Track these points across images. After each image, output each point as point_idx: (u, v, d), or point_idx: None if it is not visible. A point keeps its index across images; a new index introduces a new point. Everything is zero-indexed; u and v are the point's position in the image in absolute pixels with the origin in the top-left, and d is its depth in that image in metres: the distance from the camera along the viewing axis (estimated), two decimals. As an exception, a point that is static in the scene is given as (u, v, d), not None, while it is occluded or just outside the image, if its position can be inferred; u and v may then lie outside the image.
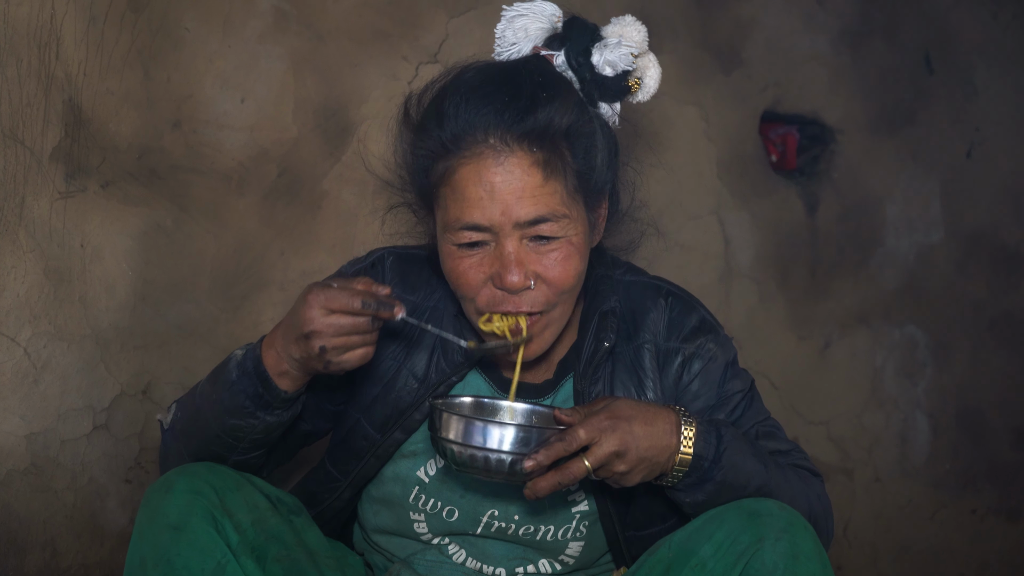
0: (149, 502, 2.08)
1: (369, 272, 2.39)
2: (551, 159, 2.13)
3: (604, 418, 2.08)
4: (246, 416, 2.17)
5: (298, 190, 2.83)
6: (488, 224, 2.13)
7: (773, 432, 2.37)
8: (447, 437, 2.10)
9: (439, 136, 2.15)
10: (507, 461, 2.06)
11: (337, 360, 2.08)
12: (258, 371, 2.14)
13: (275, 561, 2.10)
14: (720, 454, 2.13)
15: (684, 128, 3.37)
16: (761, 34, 3.53)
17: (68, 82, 2.50)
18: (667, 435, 2.11)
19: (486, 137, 2.12)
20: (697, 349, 2.34)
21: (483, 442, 2.07)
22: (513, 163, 2.12)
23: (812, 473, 2.34)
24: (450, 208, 2.16)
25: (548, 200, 2.13)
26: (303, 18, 2.82)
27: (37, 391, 2.47)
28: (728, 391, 2.34)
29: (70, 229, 2.51)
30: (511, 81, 2.17)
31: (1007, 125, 3.99)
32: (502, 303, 2.18)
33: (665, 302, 2.38)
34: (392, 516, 2.38)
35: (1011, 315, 4.01)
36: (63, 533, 2.53)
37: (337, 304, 2.04)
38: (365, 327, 2.06)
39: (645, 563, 2.18)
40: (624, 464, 2.08)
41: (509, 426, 2.08)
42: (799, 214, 3.61)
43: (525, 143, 2.12)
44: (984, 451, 3.98)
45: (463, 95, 2.16)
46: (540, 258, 2.16)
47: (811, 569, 2.02)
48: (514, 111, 2.12)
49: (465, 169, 2.13)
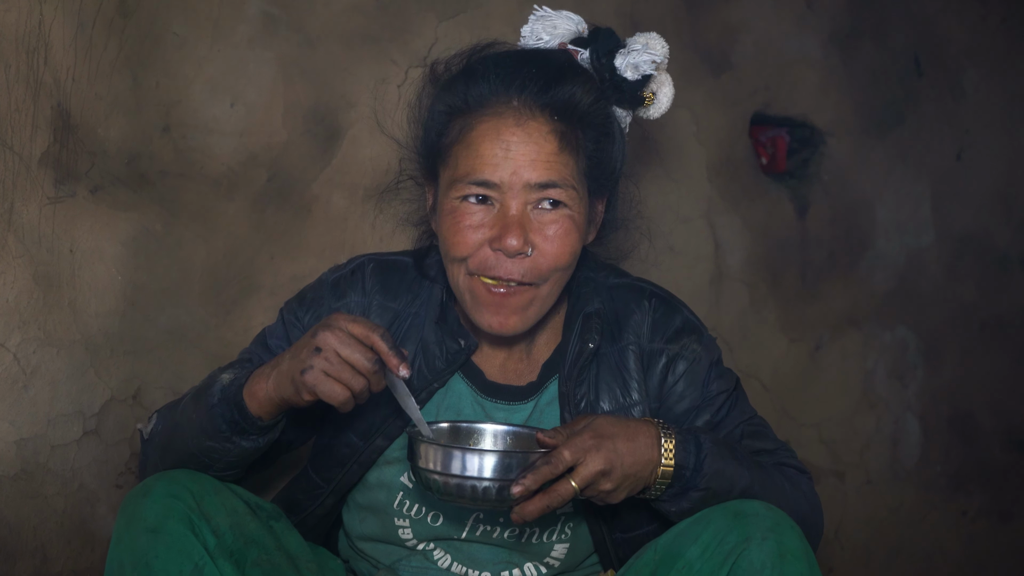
0: (127, 507, 2.08)
1: (349, 279, 2.39)
2: (568, 133, 2.19)
3: (588, 437, 2.07)
4: (222, 440, 2.17)
5: (288, 194, 2.83)
6: (498, 182, 2.16)
7: (759, 431, 2.37)
8: (427, 468, 2.08)
9: (464, 93, 2.22)
10: (492, 488, 2.05)
11: (318, 381, 2.03)
12: (236, 399, 2.13)
13: (254, 565, 2.10)
14: (701, 462, 2.14)
15: (674, 131, 3.37)
16: (750, 37, 3.53)
17: (57, 87, 2.49)
18: (649, 449, 2.12)
19: (510, 99, 2.19)
20: (681, 350, 2.35)
21: (465, 471, 2.05)
22: (533, 127, 2.17)
23: (799, 471, 2.35)
24: (461, 164, 2.19)
25: (560, 168, 2.18)
26: (292, 23, 2.82)
27: (27, 397, 2.46)
28: (713, 391, 2.35)
29: (59, 234, 2.51)
30: (540, 56, 2.27)
31: (996, 127, 4.00)
32: (495, 267, 2.19)
33: (649, 304, 2.39)
34: (377, 522, 2.38)
35: (1001, 317, 4.02)
36: (53, 539, 2.52)
37: (358, 328, 2.04)
38: (364, 367, 2.03)
39: (632, 566, 2.19)
40: (610, 483, 2.09)
41: (489, 453, 2.07)
42: (789, 217, 3.62)
43: (547, 111, 2.18)
44: (975, 453, 3.99)
45: (494, 60, 2.26)
46: (541, 227, 2.19)
47: (798, 568, 2.02)
48: (542, 80, 2.20)
49: (484, 126, 2.19)
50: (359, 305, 2.36)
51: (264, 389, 2.12)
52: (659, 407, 2.35)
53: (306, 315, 2.38)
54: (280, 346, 2.36)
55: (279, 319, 2.41)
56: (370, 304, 2.37)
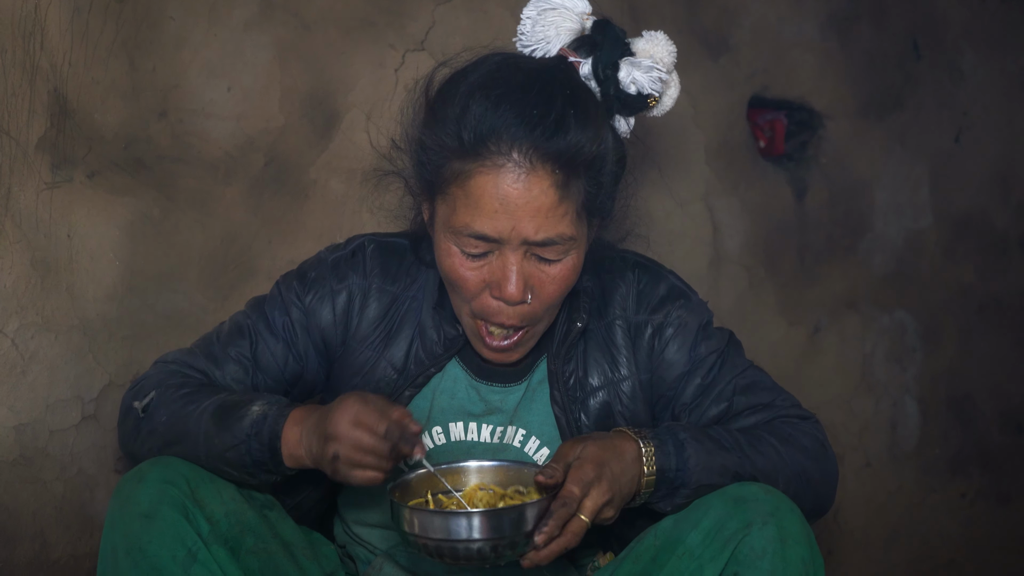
0: (121, 492, 2.08)
1: (350, 260, 2.37)
2: (569, 181, 2.11)
3: (590, 470, 2.06)
4: (242, 472, 2.17)
5: (285, 179, 2.83)
6: (497, 236, 2.11)
7: (752, 384, 2.36)
8: (412, 532, 2.03)
9: (459, 134, 2.11)
10: (486, 547, 1.99)
11: (345, 472, 2.06)
12: (272, 446, 2.13)
13: (250, 553, 2.10)
14: (684, 460, 2.14)
15: (672, 115, 3.33)
16: (748, 20, 3.52)
17: (53, 72, 2.49)
18: (635, 463, 2.12)
19: (510, 150, 2.08)
20: (666, 318, 2.35)
21: (453, 535, 1.99)
22: (533, 181, 2.08)
23: (800, 418, 2.33)
24: (459, 211, 2.12)
25: (559, 223, 2.11)
26: (289, 6, 2.81)
27: (25, 382, 2.46)
28: (702, 353, 2.35)
29: (56, 220, 2.50)
30: (542, 92, 2.11)
31: (995, 110, 4.00)
32: (497, 315, 2.17)
33: (633, 275, 2.39)
34: (374, 508, 2.38)
35: (1000, 299, 4.02)
36: (52, 524, 2.52)
37: (365, 421, 2.03)
38: (382, 452, 2.03)
39: (633, 551, 2.19)
40: (612, 509, 2.09)
41: (478, 514, 2.00)
42: (788, 200, 3.61)
43: (549, 163, 2.09)
44: (974, 435, 4.00)
45: (492, 97, 2.11)
46: (540, 275, 2.16)
47: (799, 552, 2.03)
48: (544, 129, 2.08)
49: (483, 178, 2.09)
50: (359, 287, 2.36)
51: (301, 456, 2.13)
52: (651, 377, 2.34)
53: (307, 295, 2.37)
54: (284, 322, 2.36)
55: (276, 293, 2.40)
56: (369, 287, 2.36)
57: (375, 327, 2.35)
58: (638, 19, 3.25)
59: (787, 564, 2.01)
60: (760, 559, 2.01)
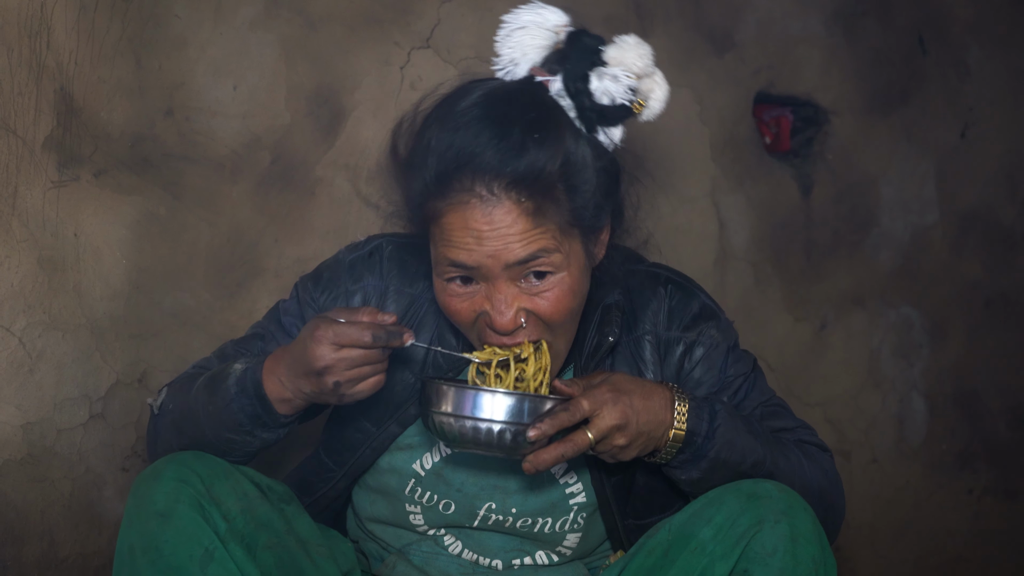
0: (137, 490, 2.08)
1: (367, 261, 2.36)
2: (541, 205, 2.06)
3: (605, 391, 2.07)
4: (243, 433, 2.17)
5: (291, 177, 2.83)
6: (476, 266, 2.08)
7: (778, 411, 2.35)
8: (439, 410, 2.06)
9: (424, 176, 2.09)
10: (507, 432, 2.03)
11: (351, 392, 2.06)
12: (258, 394, 2.12)
13: (266, 549, 2.09)
14: (713, 430, 2.13)
15: (678, 111, 3.36)
16: (754, 16, 3.52)
17: (59, 71, 2.49)
18: (663, 410, 2.11)
19: (472, 184, 2.05)
20: (698, 336, 2.32)
21: (477, 412, 2.04)
22: (501, 213, 2.05)
23: (820, 448, 2.33)
24: (439, 247, 2.12)
25: (538, 240, 2.07)
26: (294, 4, 2.81)
27: (32, 381, 2.47)
28: (730, 375, 2.33)
29: (63, 218, 2.50)
30: (501, 119, 2.07)
31: (1000, 105, 3.99)
32: (497, 341, 2.15)
33: (664, 290, 2.35)
34: (388, 506, 2.37)
35: (1006, 295, 4.02)
36: (60, 523, 2.53)
37: (347, 339, 2.02)
38: (376, 357, 2.04)
39: (644, 546, 2.18)
40: (624, 437, 2.08)
41: (502, 394, 2.04)
42: (794, 196, 3.61)
43: (513, 192, 2.04)
44: (981, 431, 3.99)
45: (448, 130, 2.08)
46: (532, 297, 2.12)
47: (810, 551, 2.02)
48: (501, 156, 2.04)
49: (453, 215, 2.07)
50: (376, 288, 2.34)
51: (280, 392, 2.12)
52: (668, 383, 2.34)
53: (321, 295, 2.35)
54: (294, 324, 2.34)
55: (293, 295, 2.38)
56: (387, 288, 2.34)
57: None
58: (643, 17, 3.25)
59: (798, 563, 2.00)
60: (771, 557, 2.00)
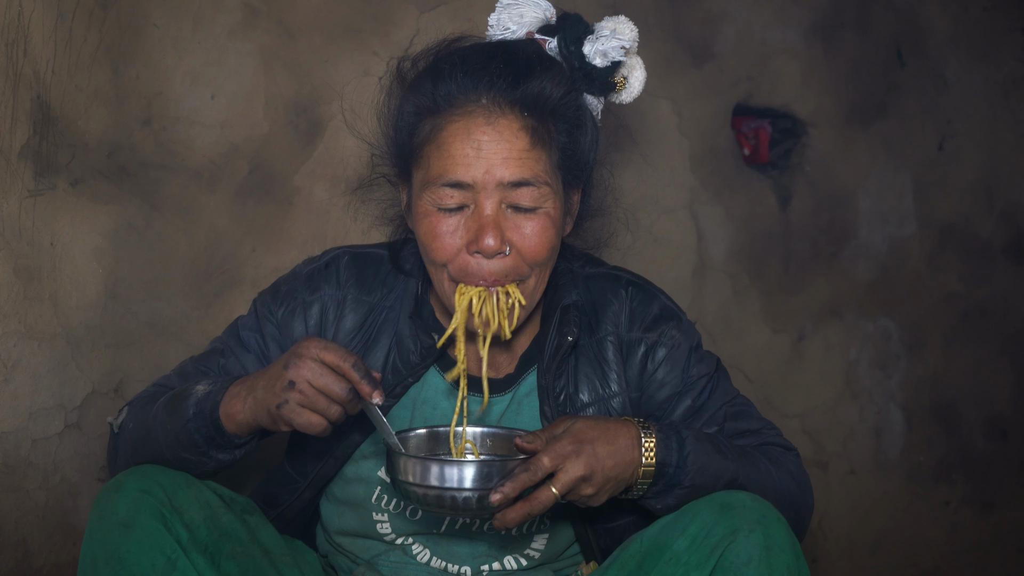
0: (99, 502, 2.08)
1: (323, 272, 2.37)
2: (539, 128, 2.18)
3: (568, 443, 2.07)
4: (198, 453, 2.17)
5: (269, 187, 2.82)
6: (471, 182, 2.15)
7: (742, 411, 2.38)
8: (405, 480, 2.08)
9: (432, 92, 2.20)
10: (472, 498, 2.05)
11: (295, 414, 2.05)
12: (212, 415, 2.13)
13: (229, 558, 2.10)
14: (684, 458, 2.14)
15: (656, 122, 3.37)
16: (732, 27, 3.53)
17: (36, 79, 2.48)
18: (629, 450, 2.12)
19: (479, 97, 2.17)
20: (660, 337, 2.36)
21: (444, 482, 2.05)
22: (503, 124, 2.16)
23: (785, 448, 2.35)
24: (433, 165, 2.18)
25: (532, 165, 2.16)
26: (273, 14, 2.81)
27: (7, 390, 2.46)
28: (693, 376, 2.35)
29: (39, 227, 2.50)
30: (507, 51, 2.23)
31: (978, 117, 4.01)
32: (476, 273, 2.18)
33: (625, 292, 2.39)
34: (355, 517, 2.37)
35: (983, 307, 4.03)
36: (35, 533, 2.52)
37: (330, 356, 2.03)
38: (338, 396, 2.04)
39: (618, 558, 2.18)
40: (591, 487, 2.09)
41: (468, 463, 2.07)
42: (772, 207, 3.62)
43: (517, 107, 2.17)
44: (958, 443, 4.00)
45: (460, 57, 2.22)
46: (517, 227, 2.18)
47: (785, 560, 2.03)
48: (510, 76, 2.17)
49: (454, 126, 2.17)
50: (333, 298, 2.36)
51: (241, 412, 2.12)
52: (640, 396, 2.35)
53: (279, 308, 2.37)
54: (252, 338, 2.36)
55: (252, 310, 2.41)
56: (344, 297, 2.36)
57: (352, 337, 2.34)
58: (623, 27, 3.25)
59: (772, 571, 2.01)
60: (746, 566, 2.01)
